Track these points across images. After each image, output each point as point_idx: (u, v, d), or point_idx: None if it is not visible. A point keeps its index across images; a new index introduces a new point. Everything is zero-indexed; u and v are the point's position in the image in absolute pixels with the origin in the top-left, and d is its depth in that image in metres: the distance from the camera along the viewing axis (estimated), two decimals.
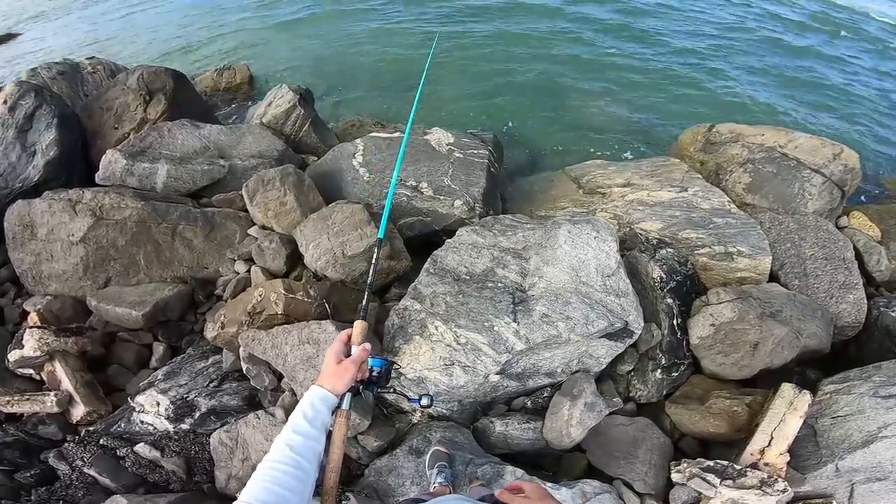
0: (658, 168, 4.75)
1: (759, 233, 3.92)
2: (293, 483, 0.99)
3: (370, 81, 7.58)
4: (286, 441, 1.06)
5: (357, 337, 1.32)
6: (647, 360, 3.26)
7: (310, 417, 1.10)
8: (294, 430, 1.08)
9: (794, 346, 3.22)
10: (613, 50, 8.48)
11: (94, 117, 5.05)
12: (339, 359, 1.24)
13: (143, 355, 3.49)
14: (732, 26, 9.90)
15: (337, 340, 1.30)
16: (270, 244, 3.62)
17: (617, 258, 3.06)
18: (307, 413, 1.11)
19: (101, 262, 3.67)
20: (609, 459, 2.89)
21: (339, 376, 1.20)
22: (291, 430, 1.08)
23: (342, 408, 1.22)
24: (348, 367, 1.22)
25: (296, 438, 1.06)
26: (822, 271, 3.86)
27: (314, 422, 1.10)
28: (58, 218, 3.64)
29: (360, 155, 4.49)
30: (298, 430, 1.08)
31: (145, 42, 9.79)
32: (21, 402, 3.02)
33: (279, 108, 5.23)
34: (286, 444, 1.05)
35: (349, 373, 1.21)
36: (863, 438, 2.65)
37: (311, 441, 1.07)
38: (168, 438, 2.90)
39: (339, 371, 1.21)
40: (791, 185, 4.49)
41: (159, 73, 5.19)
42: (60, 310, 3.51)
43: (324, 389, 1.17)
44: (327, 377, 1.20)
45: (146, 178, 4.17)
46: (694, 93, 7.50)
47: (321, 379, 1.21)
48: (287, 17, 9.88)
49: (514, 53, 8.20)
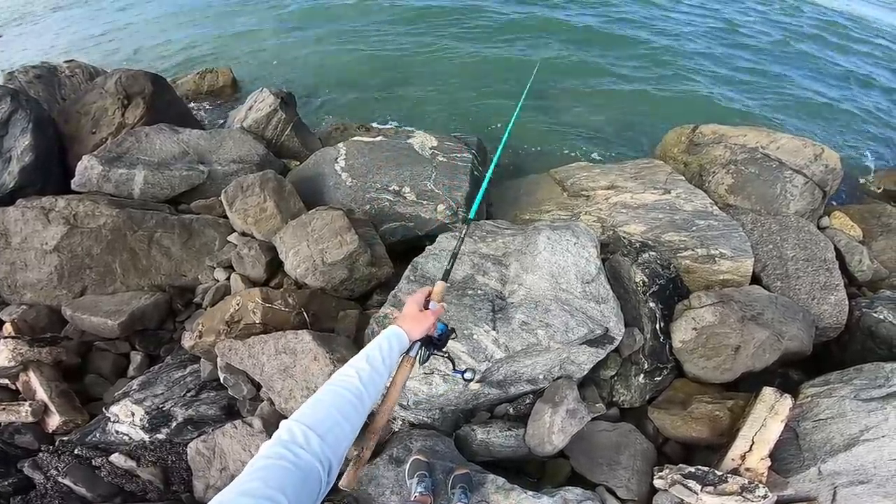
0: (642, 170, 4.75)
1: (741, 234, 3.92)
2: (351, 412, 0.97)
3: (354, 85, 7.53)
4: (357, 369, 1.06)
5: (437, 295, 1.45)
6: (630, 365, 3.25)
7: (384, 352, 1.12)
8: (367, 359, 1.08)
9: (775, 349, 3.23)
10: (598, 53, 8.50)
11: (72, 121, 4.96)
12: (420, 307, 1.33)
13: (121, 364, 3.44)
14: (715, 30, 9.99)
15: (419, 292, 1.42)
16: (250, 251, 3.57)
17: (597, 264, 3.05)
18: (383, 347, 1.13)
19: (77, 271, 3.60)
20: (592, 465, 2.87)
21: (418, 321, 1.28)
22: (364, 359, 1.09)
23: (410, 354, 1.28)
24: (428, 316, 1.31)
25: (366, 369, 1.06)
26: (803, 272, 3.87)
27: (386, 358, 1.12)
28: (31, 226, 3.57)
29: (342, 159, 4.44)
30: (371, 362, 1.08)
31: (126, 45, 9.65)
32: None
33: (260, 111, 5.17)
34: (356, 372, 1.04)
35: (427, 321, 1.30)
36: (844, 442, 2.64)
37: (377, 375, 1.07)
38: (144, 448, 2.86)
39: (420, 317, 1.29)
40: (773, 186, 4.51)
41: (138, 76, 5.10)
42: (35, 319, 3.46)
43: (402, 330, 1.22)
44: (407, 320, 1.27)
45: (123, 185, 4.10)
46: (678, 94, 7.54)
47: (401, 320, 1.26)
48: (271, 21, 9.80)
49: (499, 56, 8.19)
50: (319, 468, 0.82)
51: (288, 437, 0.85)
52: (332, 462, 0.86)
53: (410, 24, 9.07)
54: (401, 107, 6.99)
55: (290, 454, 0.80)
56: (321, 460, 0.83)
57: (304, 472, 0.79)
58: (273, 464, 0.79)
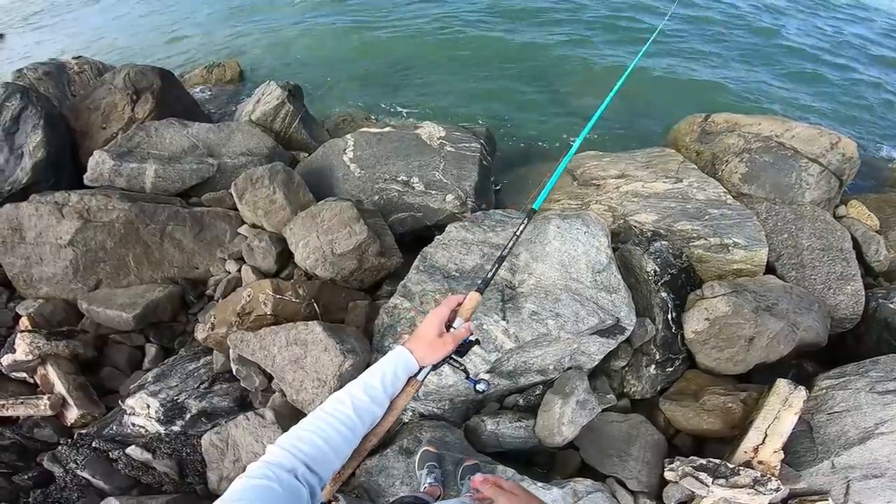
0: (653, 159, 4.69)
1: (755, 224, 3.86)
2: (341, 443, 0.93)
3: (361, 76, 7.50)
4: (353, 398, 0.98)
5: (467, 311, 1.19)
6: (641, 356, 3.23)
7: (387, 381, 1.03)
8: (365, 390, 1.01)
9: (790, 340, 3.19)
10: (608, 39, 8.38)
11: (82, 117, 5.00)
12: (440, 330, 1.11)
13: (136, 357, 3.47)
14: (728, 16, 9.78)
15: (445, 305, 1.16)
16: (260, 243, 3.58)
17: (608, 253, 3.02)
18: (386, 376, 1.04)
19: (91, 265, 3.64)
20: (602, 457, 2.87)
21: (434, 349, 1.09)
22: (363, 389, 1.01)
23: (417, 378, 1.12)
24: (447, 344, 1.10)
25: (363, 399, 0.99)
26: (819, 262, 3.81)
27: (388, 389, 1.03)
28: (45, 221, 3.60)
29: (350, 150, 4.44)
30: (369, 392, 1.00)
31: (133, 41, 9.71)
32: (15, 406, 3.01)
33: (268, 104, 5.17)
34: (351, 402, 0.97)
35: (445, 349, 1.11)
36: (859, 435, 2.62)
37: (375, 406, 1.01)
38: (159, 440, 2.89)
39: (437, 345, 1.09)
40: (788, 175, 4.43)
41: (146, 71, 5.13)
42: (52, 313, 3.49)
43: (412, 357, 1.08)
44: (421, 345, 1.09)
45: (134, 179, 4.12)
46: (690, 82, 7.42)
47: (414, 343, 1.10)
48: (277, 14, 9.77)
49: (508, 44, 8.10)
50: (305, 492, 0.83)
51: (275, 461, 0.85)
52: (316, 487, 0.87)
53: (417, 15, 9.00)
54: (409, 97, 6.95)
55: (275, 477, 0.81)
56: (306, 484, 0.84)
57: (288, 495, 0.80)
58: (258, 483, 0.79)
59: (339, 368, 2.62)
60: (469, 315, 1.19)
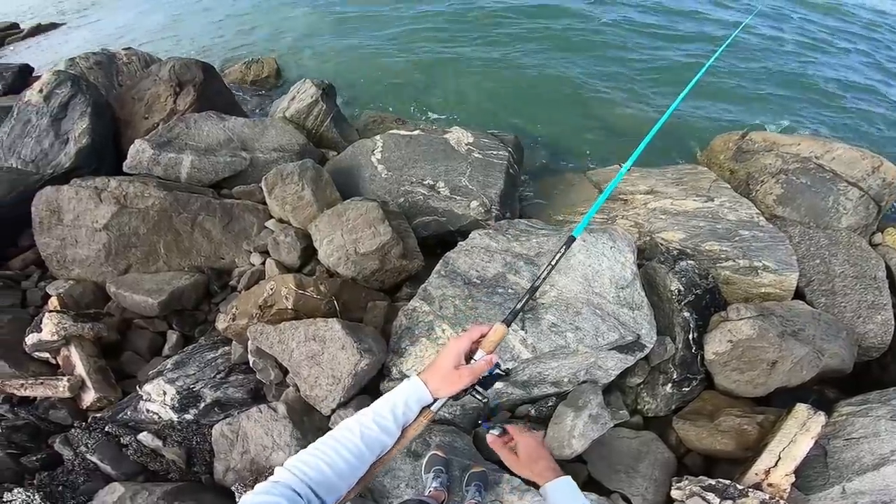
0: (684, 176, 4.60)
1: (787, 247, 3.76)
2: (346, 471, 0.93)
3: (394, 79, 7.59)
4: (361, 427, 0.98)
5: (490, 344, 1.11)
6: (658, 374, 3.18)
7: (398, 412, 1.01)
8: (375, 420, 0.99)
9: (814, 365, 3.12)
10: (644, 53, 8.27)
11: (126, 107, 5.20)
12: (458, 361, 1.06)
13: (157, 343, 3.53)
14: (768, 31, 9.54)
15: (465, 337, 1.10)
16: (286, 238, 3.65)
17: (633, 270, 2.97)
18: (397, 409, 1.01)
19: (123, 249, 3.77)
20: (610, 472, 2.84)
21: (450, 383, 1.04)
22: (372, 419, 0.99)
23: (431, 409, 1.07)
24: (463, 378, 1.04)
25: (372, 429, 0.98)
26: (850, 290, 3.70)
27: (399, 419, 1.01)
28: (84, 204, 3.75)
29: (378, 152, 4.49)
30: (379, 423, 0.99)
31: (179, 35, 10.05)
32: (35, 386, 3.05)
33: (302, 102, 5.27)
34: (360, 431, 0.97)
35: (462, 383, 1.05)
36: (874, 461, 2.57)
37: (384, 436, 0.99)
38: (171, 428, 2.90)
39: (453, 378, 1.04)
40: (825, 199, 4.29)
41: (190, 64, 5.30)
42: (81, 295, 3.58)
43: (427, 390, 1.04)
44: (437, 378, 1.05)
45: (171, 168, 4.26)
46: (727, 99, 7.25)
47: (429, 375, 1.06)
48: (317, 15, 9.96)
49: (542, 55, 8.08)
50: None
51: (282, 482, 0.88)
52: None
53: (452, 24, 9.05)
54: (440, 102, 7.00)
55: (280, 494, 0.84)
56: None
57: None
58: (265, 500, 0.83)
59: (355, 367, 2.64)
60: (492, 348, 1.12)
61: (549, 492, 1.09)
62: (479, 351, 1.11)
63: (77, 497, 2.62)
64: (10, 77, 6.54)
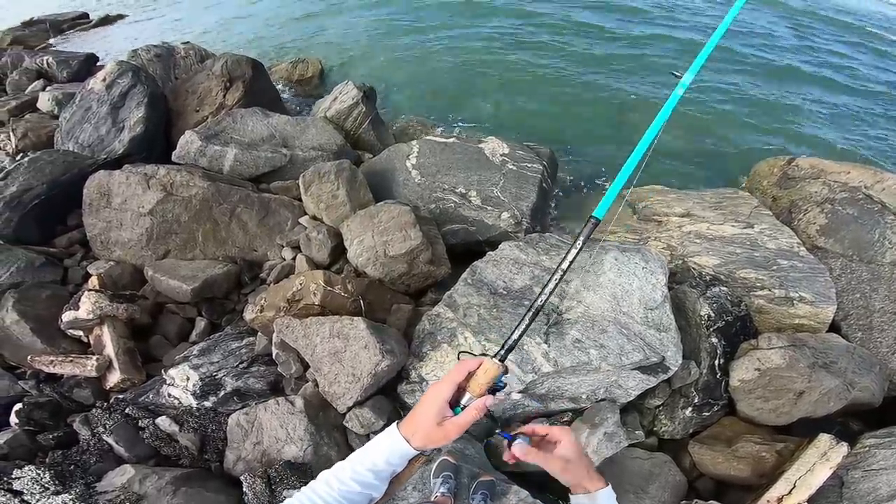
0: (723, 200, 4.48)
1: (826, 279, 3.63)
2: None
3: (433, 87, 7.65)
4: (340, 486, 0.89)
5: (479, 387, 0.94)
6: (678, 397, 3.13)
7: (378, 470, 0.91)
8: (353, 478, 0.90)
9: (842, 398, 3.06)
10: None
11: (180, 99, 5.44)
12: (441, 414, 0.90)
13: (185, 329, 3.61)
14: (821, 53, 9.21)
15: (447, 381, 0.94)
16: (318, 235, 3.74)
17: (664, 292, 2.92)
18: (377, 465, 0.91)
19: (164, 235, 3.93)
20: (619, 491, 2.75)
21: (432, 441, 0.90)
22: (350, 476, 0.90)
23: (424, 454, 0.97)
24: (449, 434, 0.90)
25: (353, 489, 0.89)
26: (888, 326, 3.58)
27: (382, 473, 0.92)
28: (132, 190, 3.93)
29: (414, 157, 4.55)
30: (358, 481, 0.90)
31: (235, 30, 10.45)
32: (63, 364, 3.10)
33: (343, 103, 5.40)
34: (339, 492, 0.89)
35: (448, 438, 0.91)
36: (889, 493, 2.56)
37: (369, 490, 0.91)
38: (189, 414, 2.91)
39: (437, 437, 0.90)
40: (871, 231, 4.10)
41: (241, 61, 5.50)
42: (119, 276, 3.72)
43: (409, 447, 0.90)
44: (419, 436, 0.90)
45: (216, 160, 4.42)
46: (775, 122, 7.03)
47: (409, 427, 0.92)
48: (365, 21, 10.18)
49: (584, 70, 8.03)
50: None
51: None
52: None
53: (496, 39, 9.09)
54: (478, 112, 7.03)
55: None
56: None
57: None
58: None
59: (376, 367, 2.68)
60: (482, 390, 0.94)
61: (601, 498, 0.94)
62: (466, 395, 0.95)
63: (87, 477, 2.60)
64: (76, 65, 6.93)
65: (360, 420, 2.76)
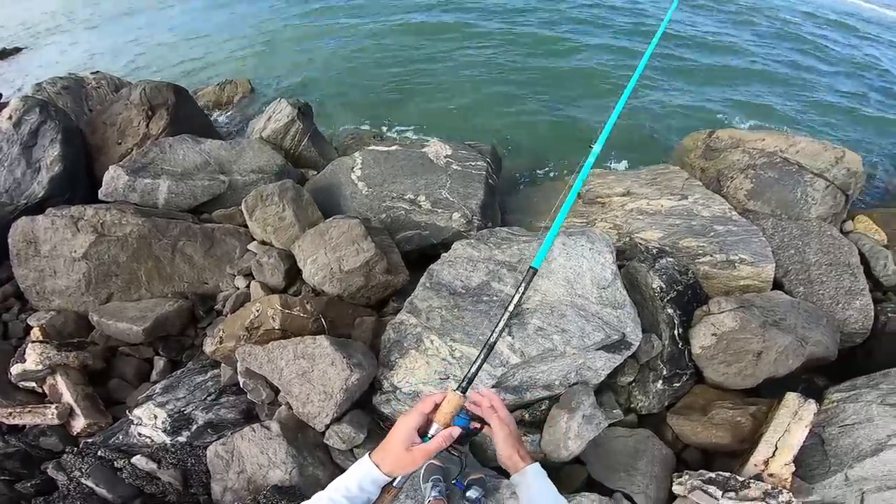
0: (657, 176, 4.72)
1: (761, 240, 3.87)
2: None
3: (369, 93, 7.66)
4: None
5: (444, 416, 1.04)
6: (648, 371, 3.23)
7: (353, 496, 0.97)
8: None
9: (798, 354, 3.18)
10: (611, 58, 8.49)
11: (98, 132, 5.13)
12: (410, 441, 0.99)
13: (144, 369, 3.53)
14: (728, 32, 9.89)
15: (415, 411, 1.04)
16: (269, 259, 3.63)
17: (613, 269, 3.04)
18: (351, 492, 0.97)
19: (104, 278, 3.71)
20: (609, 472, 2.85)
21: (401, 466, 0.99)
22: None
23: (394, 486, 1.03)
24: (417, 460, 0.99)
25: None
26: (827, 277, 3.81)
27: (356, 500, 0.97)
28: (60, 234, 3.69)
29: (358, 169, 4.51)
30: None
31: (147, 58, 9.98)
32: (23, 415, 3.05)
33: (278, 122, 5.28)
34: None
35: (415, 464, 1.00)
36: (872, 447, 2.59)
37: None
38: (165, 451, 2.89)
39: (406, 461, 0.99)
40: (793, 191, 4.45)
41: (161, 87, 5.26)
42: (63, 325, 3.56)
43: (379, 472, 0.98)
44: (389, 461, 0.99)
45: (148, 194, 4.21)
46: (693, 98, 7.48)
47: (381, 457, 1.00)
48: (288, 34, 10.00)
49: (513, 64, 8.24)
50: None
51: None
52: None
53: (424, 36, 9.18)
54: (416, 115, 7.08)
55: None
56: None
57: None
58: None
59: (346, 382, 2.65)
60: (448, 420, 1.04)
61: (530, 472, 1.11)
62: (433, 425, 1.04)
63: None
64: None
65: (340, 436, 2.73)
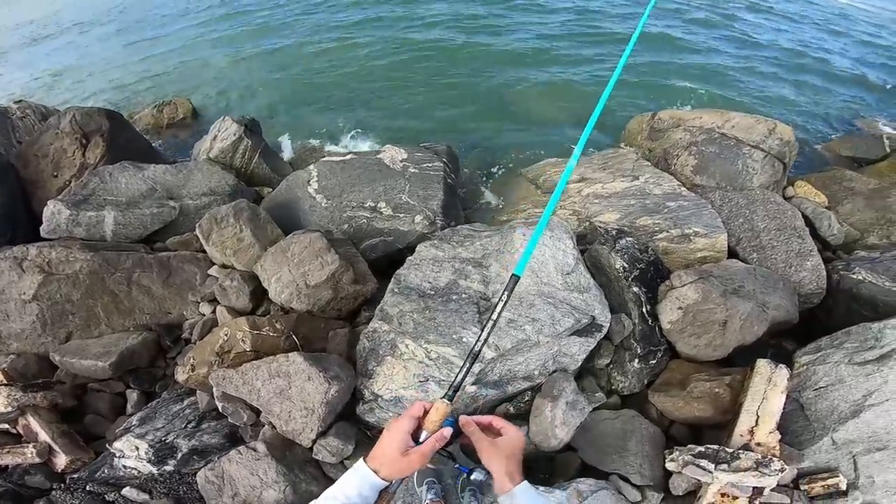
0: (609, 160, 4.88)
1: (711, 212, 4.04)
2: None
3: (317, 102, 7.54)
4: None
5: (433, 423, 1.08)
6: (623, 351, 3.27)
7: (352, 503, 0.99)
8: None
9: (762, 319, 3.22)
10: (553, 47, 8.69)
11: (31, 166, 4.83)
12: (404, 445, 1.02)
13: (118, 403, 3.46)
14: (662, 15, 10.29)
15: (406, 416, 1.07)
16: (232, 282, 3.54)
17: (575, 255, 3.12)
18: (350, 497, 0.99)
19: (59, 318, 3.53)
20: (601, 455, 2.86)
21: (397, 470, 1.02)
22: None
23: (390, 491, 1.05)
24: (413, 463, 1.02)
25: None
26: (777, 242, 3.95)
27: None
28: (6, 277, 3.48)
29: (314, 181, 4.45)
30: None
31: (74, 84, 9.45)
32: (2, 455, 3.03)
33: (225, 141, 5.13)
34: None
35: (412, 468, 1.03)
36: (850, 409, 2.62)
37: None
38: (154, 481, 2.90)
39: (402, 466, 1.01)
40: (735, 163, 4.68)
41: (92, 113, 4.99)
42: (25, 367, 3.43)
43: (377, 478, 1.00)
44: (386, 467, 1.02)
45: (94, 228, 4.01)
46: (635, 82, 7.75)
47: (377, 462, 1.02)
48: (223, 48, 9.72)
49: (456, 61, 8.30)
50: None
51: None
52: None
53: (369, 35, 9.12)
54: (368, 119, 7.02)
55: None
56: None
57: None
58: None
59: (326, 395, 2.63)
60: (436, 427, 1.08)
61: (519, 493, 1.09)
62: (423, 432, 1.07)
63: None
64: None
65: (328, 449, 2.72)
